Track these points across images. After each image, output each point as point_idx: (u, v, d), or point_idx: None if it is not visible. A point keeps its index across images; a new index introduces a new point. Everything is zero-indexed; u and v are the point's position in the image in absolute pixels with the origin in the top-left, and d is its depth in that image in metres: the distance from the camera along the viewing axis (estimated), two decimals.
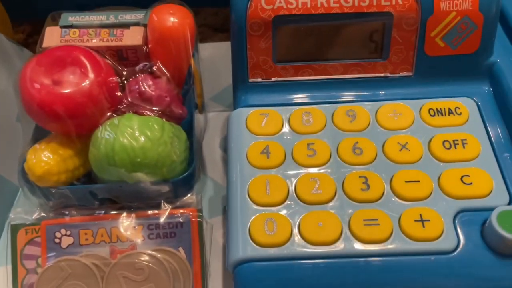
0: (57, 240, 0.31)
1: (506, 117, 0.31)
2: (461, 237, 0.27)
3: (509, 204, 0.28)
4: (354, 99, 0.33)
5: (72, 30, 0.34)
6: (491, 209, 0.26)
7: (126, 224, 0.31)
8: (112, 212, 0.32)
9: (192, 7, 0.58)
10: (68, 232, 0.31)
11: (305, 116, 0.32)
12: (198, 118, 0.37)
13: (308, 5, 0.31)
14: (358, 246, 0.27)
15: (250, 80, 0.33)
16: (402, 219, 0.27)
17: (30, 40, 0.56)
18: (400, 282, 0.26)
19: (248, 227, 0.28)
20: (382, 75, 0.33)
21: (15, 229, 0.31)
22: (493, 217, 0.26)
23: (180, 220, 0.31)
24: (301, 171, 0.30)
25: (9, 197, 0.37)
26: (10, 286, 0.31)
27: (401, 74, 0.33)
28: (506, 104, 0.31)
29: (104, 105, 0.31)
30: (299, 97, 0.33)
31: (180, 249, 0.31)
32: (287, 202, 0.29)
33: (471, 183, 0.28)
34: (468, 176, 0.29)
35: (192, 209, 0.32)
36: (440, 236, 0.27)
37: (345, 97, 0.33)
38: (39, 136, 0.34)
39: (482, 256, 0.26)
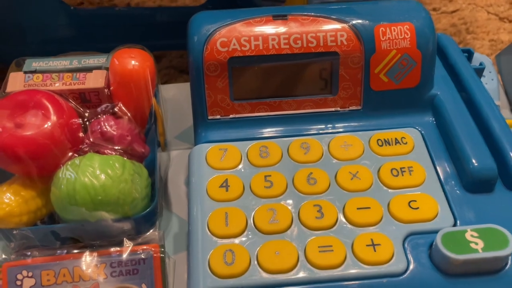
0: (18, 282, 0.31)
1: (448, 145, 0.33)
2: (410, 259, 0.28)
3: (454, 226, 0.30)
4: (307, 133, 0.34)
5: (36, 75, 0.35)
6: (437, 232, 0.28)
7: (88, 262, 0.32)
8: (75, 251, 0.32)
9: (159, 50, 0.61)
10: (30, 274, 0.31)
11: (262, 150, 0.33)
12: (161, 156, 0.38)
13: (261, 47, 0.33)
14: (314, 272, 0.28)
15: (209, 117, 0.35)
16: (354, 245, 0.29)
17: None
18: None
19: (208, 259, 0.28)
20: (333, 109, 0.35)
21: None
22: (438, 239, 0.28)
23: (142, 256, 0.32)
24: (259, 202, 0.31)
25: None
26: None
27: (350, 108, 0.35)
28: (447, 132, 0.33)
29: (65, 146, 0.32)
30: (256, 132, 0.35)
31: (143, 285, 0.32)
32: (246, 233, 0.30)
33: (418, 208, 0.30)
34: (415, 201, 0.30)
35: (155, 245, 0.32)
36: (390, 259, 0.28)
37: (299, 131, 0.35)
38: (1, 178, 0.34)
39: (430, 277, 0.28)
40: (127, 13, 0.55)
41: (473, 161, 0.31)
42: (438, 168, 0.32)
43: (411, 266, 0.28)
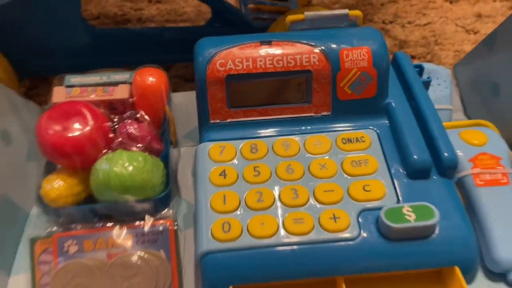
0: (65, 249, 0.41)
1: (397, 142, 0.42)
2: (362, 228, 0.37)
3: (397, 203, 0.39)
4: (288, 133, 0.43)
5: (75, 88, 0.44)
6: None
7: (119, 233, 0.41)
8: (108, 225, 0.41)
9: (167, 63, 0.70)
10: (74, 242, 0.41)
11: (252, 147, 0.43)
12: (173, 151, 0.48)
13: (251, 66, 0.42)
14: (289, 237, 0.37)
15: (211, 121, 0.44)
16: (320, 218, 0.38)
17: (30, 93, 0.66)
18: (319, 261, 0.36)
19: (210, 228, 0.38)
20: (308, 115, 0.44)
21: (33, 241, 0.41)
22: (382, 213, 0.37)
23: (160, 229, 0.41)
24: (249, 187, 0.40)
25: (22, 220, 0.46)
26: (30, 286, 0.40)
27: (322, 113, 0.44)
28: (397, 133, 0.42)
29: (100, 145, 0.41)
30: (248, 133, 0.44)
31: (161, 251, 0.41)
32: (239, 209, 0.39)
33: (370, 191, 0.39)
34: (369, 185, 0.40)
35: (170, 220, 0.42)
36: (347, 228, 0.37)
37: (281, 132, 0.44)
38: (49, 169, 0.44)
39: (375, 241, 0.37)
40: (140, 32, 0.65)
41: (414, 155, 0.40)
42: (388, 160, 0.41)
43: (362, 233, 0.37)
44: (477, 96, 0.56)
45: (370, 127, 0.44)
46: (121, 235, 0.41)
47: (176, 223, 0.42)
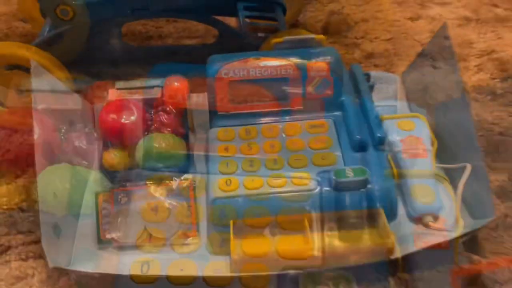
0: (119, 200, 0.60)
1: (347, 127, 0.61)
2: (319, 183, 0.56)
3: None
4: (272, 121, 0.62)
5: (123, 90, 0.64)
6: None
7: (155, 189, 0.60)
8: (148, 183, 0.60)
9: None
10: (125, 195, 0.60)
11: (247, 130, 0.62)
12: (191, 135, 0.67)
13: (246, 75, 0.61)
14: (270, 189, 0.55)
15: (219, 112, 0.63)
16: (292, 177, 0.57)
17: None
18: (290, 205, 0.55)
19: (218, 183, 0.56)
20: (286, 108, 0.63)
21: (97, 194, 0.60)
22: (332, 172, 0.55)
23: (184, 185, 0.60)
24: (244, 157, 0.59)
25: (84, 182, 0.65)
26: (95, 225, 0.59)
27: (296, 108, 0.63)
28: (346, 121, 0.61)
29: (142, 128, 0.61)
30: (244, 121, 0.62)
31: (184, 202, 0.60)
32: (237, 172, 0.58)
33: (326, 159, 0.58)
34: (325, 156, 0.58)
35: (190, 180, 0.61)
36: (309, 183, 0.56)
37: (267, 120, 0.62)
38: (105, 146, 0.62)
39: (328, 191, 0.55)
40: (162, 48, 0.84)
41: (357, 135, 0.59)
42: (340, 139, 0.60)
43: (319, 186, 0.56)
44: (416, 96, 0.75)
45: (329, 117, 0.63)
46: (157, 190, 0.60)
47: (194, 183, 0.61)
